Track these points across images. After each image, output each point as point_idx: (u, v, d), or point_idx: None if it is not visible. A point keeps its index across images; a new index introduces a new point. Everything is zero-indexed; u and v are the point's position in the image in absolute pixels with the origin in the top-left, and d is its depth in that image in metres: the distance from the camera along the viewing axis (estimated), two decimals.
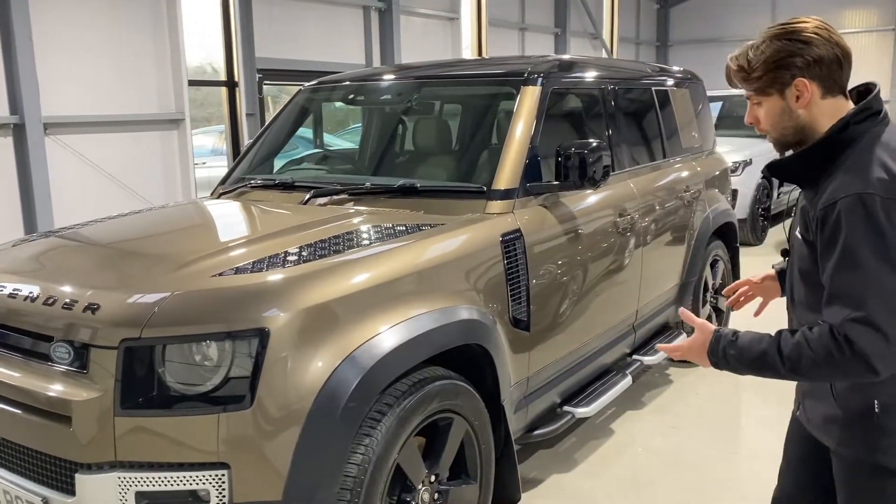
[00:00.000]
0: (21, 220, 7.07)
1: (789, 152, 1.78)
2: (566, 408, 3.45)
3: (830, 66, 1.68)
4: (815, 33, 1.69)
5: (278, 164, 4.09)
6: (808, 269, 1.74)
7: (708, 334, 1.79)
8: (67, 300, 2.27)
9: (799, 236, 1.77)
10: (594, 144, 3.15)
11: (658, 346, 2.08)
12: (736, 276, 5.28)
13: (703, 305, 4.92)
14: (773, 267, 2.21)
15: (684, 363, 4.97)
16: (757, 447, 3.84)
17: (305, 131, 9.55)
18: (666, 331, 4.56)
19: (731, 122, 10.46)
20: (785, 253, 1.99)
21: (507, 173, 3.13)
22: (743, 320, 2.45)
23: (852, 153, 1.65)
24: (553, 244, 3.21)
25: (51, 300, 2.31)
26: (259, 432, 2.10)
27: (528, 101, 3.34)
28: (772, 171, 1.79)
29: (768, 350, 1.66)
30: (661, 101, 4.60)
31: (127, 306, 2.19)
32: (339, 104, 4.88)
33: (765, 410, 4.25)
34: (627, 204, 3.83)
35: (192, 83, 8.73)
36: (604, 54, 16.92)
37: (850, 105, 1.74)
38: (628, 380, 3.83)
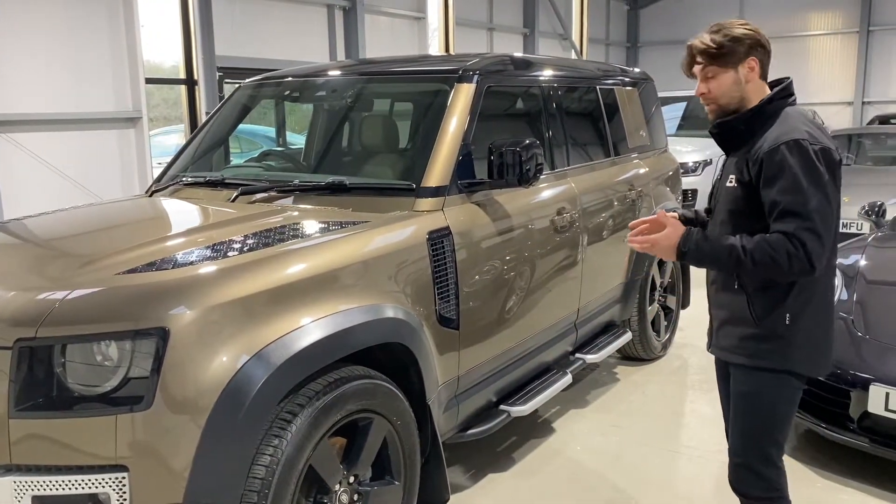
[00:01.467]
0: None
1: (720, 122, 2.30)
2: (502, 407, 3.43)
3: (768, 54, 2.27)
4: (758, 30, 2.26)
5: (235, 163, 4.04)
6: (738, 209, 2.23)
7: (680, 229, 2.25)
8: None
9: (731, 184, 2.25)
10: (527, 142, 3.13)
11: (629, 238, 2.35)
12: (685, 274, 5.30)
13: (651, 304, 4.94)
14: (674, 211, 2.57)
15: (631, 360, 4.99)
16: (697, 445, 3.85)
17: (269, 130, 9.49)
18: (611, 329, 4.56)
19: (694, 122, 10.54)
20: (708, 212, 2.48)
21: (438, 171, 3.10)
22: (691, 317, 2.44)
23: (775, 119, 2.21)
24: (485, 242, 3.19)
25: None
26: (159, 434, 2.05)
27: (462, 98, 3.32)
28: (719, 127, 2.29)
29: (734, 247, 2.13)
30: (607, 100, 4.60)
31: (23, 305, 2.14)
32: (289, 102, 4.83)
33: (709, 409, 4.26)
34: (567, 202, 3.82)
35: (149, 81, 8.63)
36: (573, 55, 16.98)
37: (768, 89, 2.29)
38: (568, 378, 3.81)
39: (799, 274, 2.10)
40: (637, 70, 5.47)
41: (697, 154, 8.91)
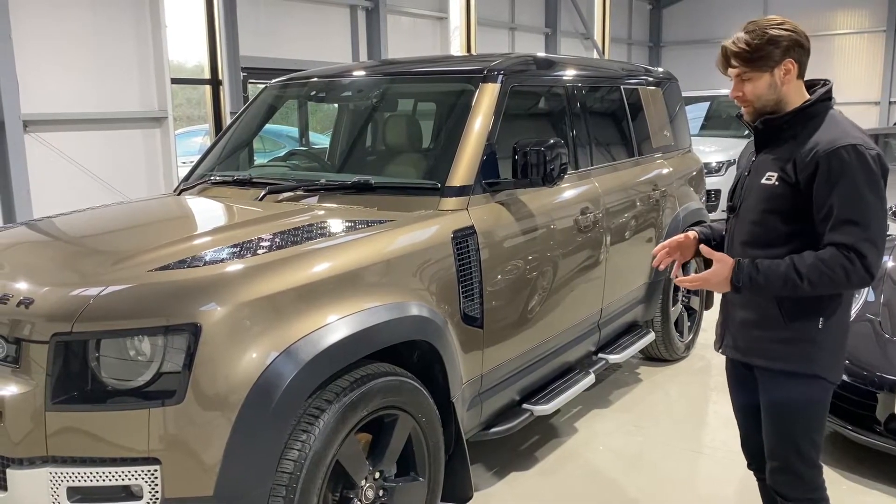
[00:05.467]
0: (0, 217, 7.06)
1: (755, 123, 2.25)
2: (525, 406, 3.45)
3: (807, 53, 2.20)
4: (796, 28, 2.18)
5: (259, 162, 4.09)
6: (776, 209, 2.17)
7: (729, 263, 2.16)
8: (3, 295, 2.26)
9: (769, 182, 2.17)
10: (551, 142, 3.15)
11: (675, 279, 2.35)
12: None
13: (675, 304, 4.92)
14: (692, 230, 2.53)
15: (654, 360, 4.97)
16: (720, 446, 3.84)
17: (292, 130, 9.55)
18: (634, 329, 4.55)
19: (717, 122, 10.49)
20: (732, 209, 2.37)
21: (463, 170, 3.12)
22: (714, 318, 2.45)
23: (819, 121, 2.16)
24: (509, 242, 3.20)
25: None
26: (190, 428, 2.09)
27: (487, 98, 3.33)
28: (765, 123, 2.21)
29: (788, 273, 2.08)
30: (630, 100, 4.60)
31: (60, 301, 2.19)
32: (314, 102, 4.88)
33: (731, 410, 4.23)
34: (590, 202, 3.82)
35: (174, 81, 8.73)
36: (595, 55, 16.91)
37: (804, 89, 2.23)
38: (591, 378, 3.82)
39: (857, 285, 2.07)
40: (661, 70, 5.45)
41: (721, 154, 8.85)
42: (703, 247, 2.32)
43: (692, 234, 2.49)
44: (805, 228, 2.13)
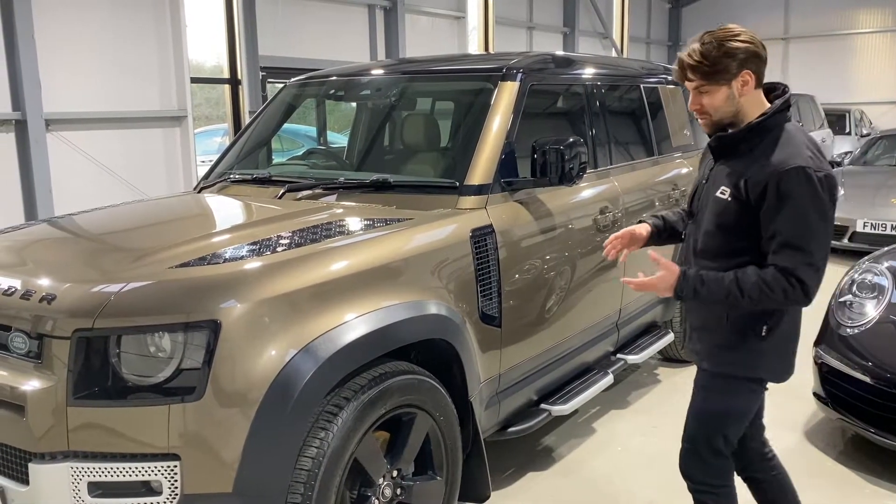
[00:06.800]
0: (23, 215, 7.14)
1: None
2: (543, 405, 3.43)
3: (764, 62, 2.16)
4: (752, 38, 2.14)
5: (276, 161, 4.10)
6: (727, 223, 2.19)
7: (674, 270, 2.21)
8: (26, 291, 2.29)
9: (723, 196, 2.18)
10: (570, 141, 3.14)
11: (623, 279, 2.37)
12: None
13: None
14: (645, 223, 2.61)
15: (672, 362, 4.93)
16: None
17: (309, 129, 9.59)
18: (653, 329, 4.52)
19: None
20: (690, 214, 2.43)
21: (481, 169, 3.12)
22: None
23: (775, 136, 2.14)
24: (528, 241, 3.19)
25: (11, 291, 2.32)
26: (209, 424, 2.10)
27: (506, 96, 3.32)
28: (719, 140, 2.23)
29: (731, 288, 2.12)
30: (650, 98, 4.57)
31: (81, 297, 2.20)
32: (332, 101, 4.88)
33: None
34: (609, 201, 3.80)
35: (194, 80, 8.78)
36: (613, 54, 16.83)
37: (764, 97, 2.22)
38: (609, 378, 3.80)
39: (793, 304, 2.16)
40: None
41: None
42: (651, 253, 2.30)
43: (646, 227, 2.58)
44: (754, 245, 2.16)
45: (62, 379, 2.13)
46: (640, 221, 2.66)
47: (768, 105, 2.20)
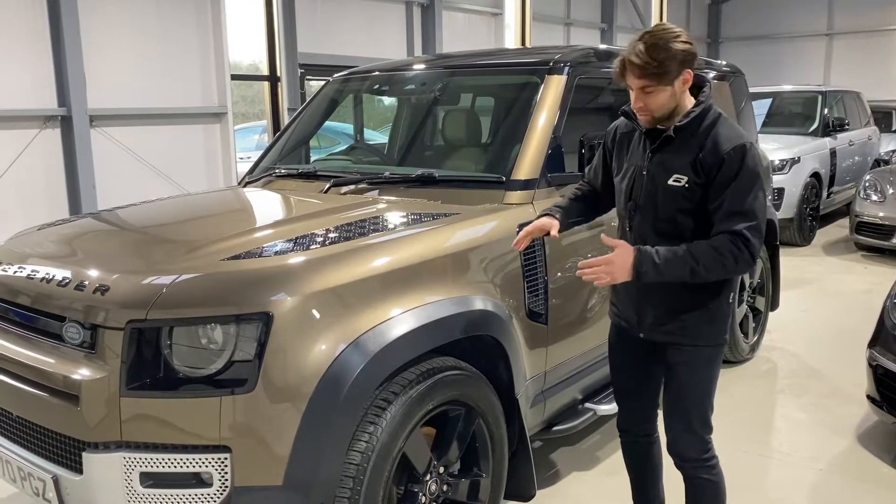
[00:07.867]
0: (67, 209, 7.27)
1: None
2: (588, 404, 3.38)
3: (696, 59, 2.26)
4: (689, 36, 2.25)
5: (315, 157, 4.11)
6: (689, 209, 2.28)
7: (631, 249, 2.23)
8: (80, 282, 2.31)
9: (679, 184, 2.27)
10: None
11: (578, 267, 2.27)
12: (775, 275, 5.12)
13: (740, 305, 4.78)
14: (553, 220, 2.55)
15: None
16: (789, 451, 3.71)
17: (346, 127, 9.62)
18: None
19: (780, 119, 10.19)
20: (635, 207, 2.41)
21: (528, 163, 3.08)
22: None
23: (714, 121, 2.27)
24: (574, 237, 3.15)
25: (65, 282, 2.35)
26: (261, 417, 2.10)
27: (553, 90, 3.28)
28: (675, 130, 2.27)
29: (686, 258, 2.20)
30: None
31: (135, 288, 2.22)
32: (375, 97, 4.88)
33: (801, 413, 4.11)
34: None
35: (234, 77, 8.86)
36: None
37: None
38: None
39: (743, 269, 2.24)
40: (727, 63, 5.30)
41: (784, 152, 8.58)
42: (603, 237, 2.33)
43: (556, 224, 2.53)
44: (707, 221, 2.27)
45: (115, 369, 2.14)
46: (542, 215, 2.59)
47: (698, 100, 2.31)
